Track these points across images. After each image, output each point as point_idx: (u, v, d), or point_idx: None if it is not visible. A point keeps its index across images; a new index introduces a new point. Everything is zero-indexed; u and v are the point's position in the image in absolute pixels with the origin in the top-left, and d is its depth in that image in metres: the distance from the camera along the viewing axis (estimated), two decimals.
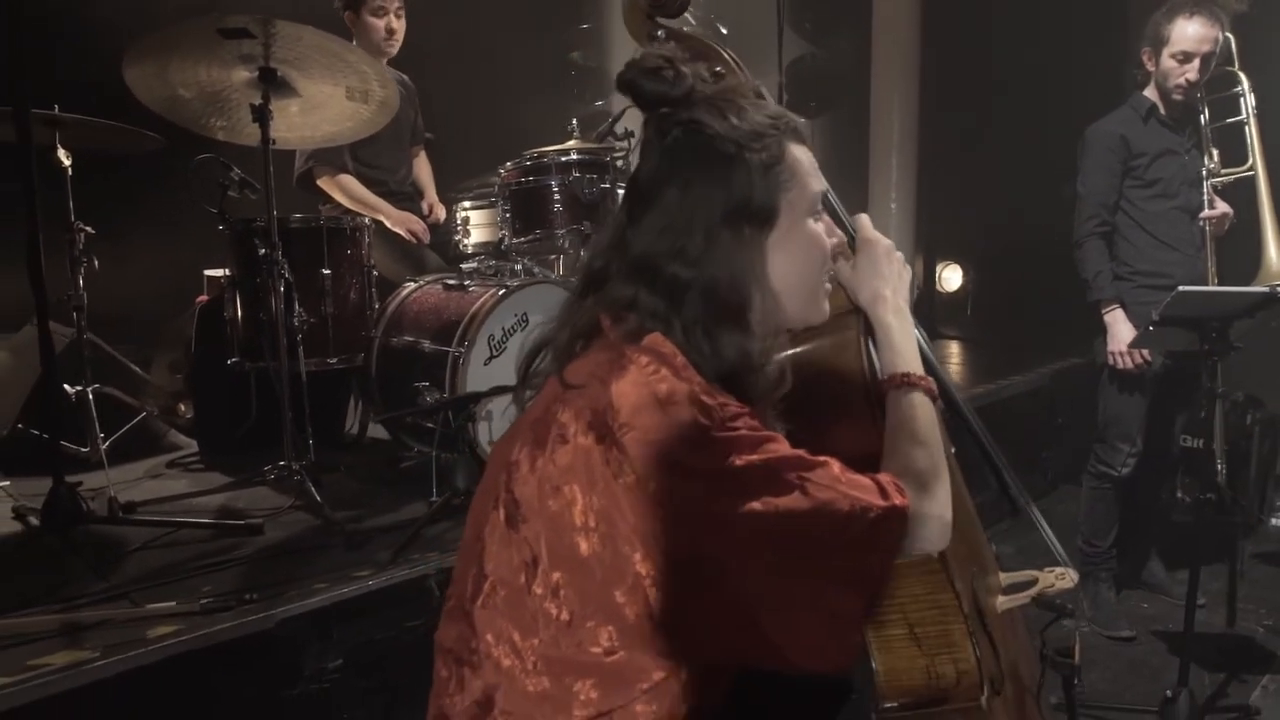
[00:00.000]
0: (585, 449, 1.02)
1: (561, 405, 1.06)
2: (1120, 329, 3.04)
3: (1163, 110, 3.03)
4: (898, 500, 1.06)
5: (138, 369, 3.17)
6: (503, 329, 2.64)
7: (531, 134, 3.49)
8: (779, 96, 4.60)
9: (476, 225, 3.21)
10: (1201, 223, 3.04)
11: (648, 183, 1.12)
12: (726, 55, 1.47)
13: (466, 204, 3.22)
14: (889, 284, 1.26)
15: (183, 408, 3.20)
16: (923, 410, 1.18)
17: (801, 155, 1.15)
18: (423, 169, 3.61)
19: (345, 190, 3.19)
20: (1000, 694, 1.33)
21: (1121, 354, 3.04)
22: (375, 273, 2.84)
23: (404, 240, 3.25)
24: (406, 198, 3.43)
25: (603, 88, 5.31)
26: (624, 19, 1.56)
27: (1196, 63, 2.90)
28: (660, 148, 1.12)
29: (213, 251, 3.09)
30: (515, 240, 3.00)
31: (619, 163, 3.05)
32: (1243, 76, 3.02)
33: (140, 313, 3.46)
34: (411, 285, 2.89)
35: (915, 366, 1.21)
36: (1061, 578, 1.47)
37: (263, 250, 2.46)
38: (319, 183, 3.20)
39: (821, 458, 1.05)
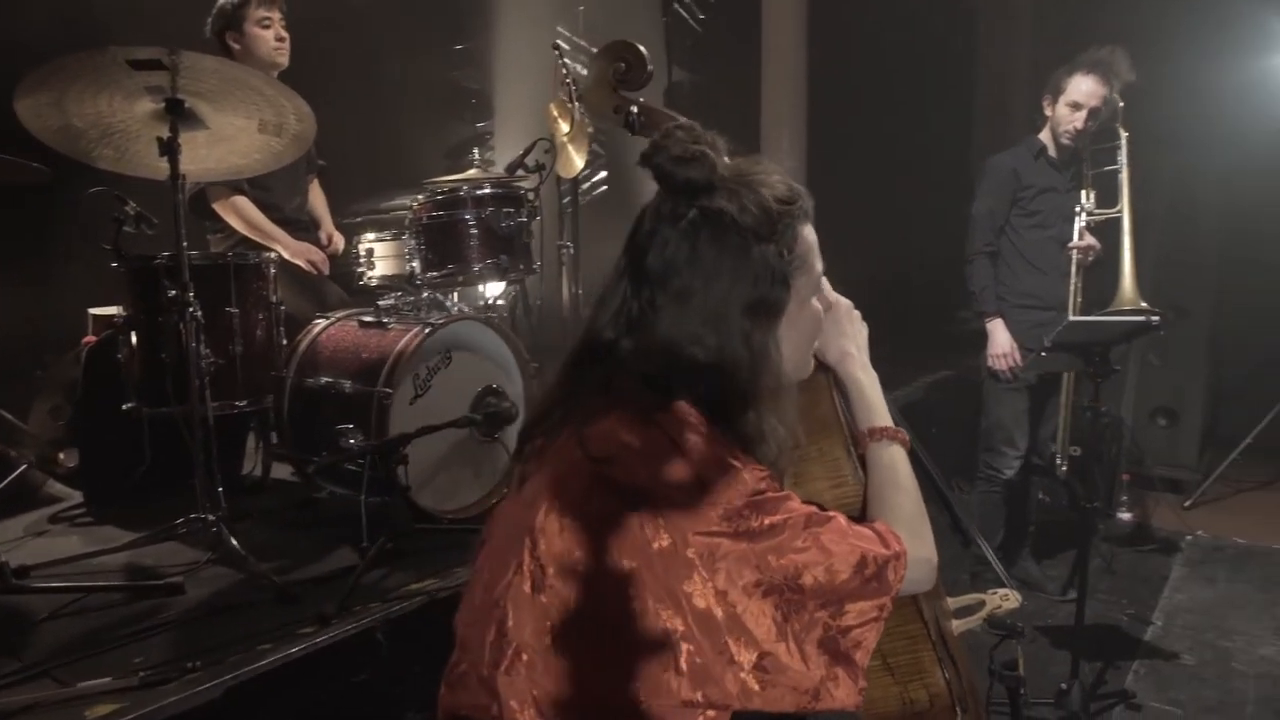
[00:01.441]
0: (618, 516, 1.05)
1: (591, 474, 1.08)
2: (1000, 336, 3.39)
3: (1052, 152, 3.39)
4: (897, 547, 1.15)
5: (10, 416, 2.92)
6: (427, 368, 2.60)
7: (414, 157, 3.44)
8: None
9: (382, 257, 3.13)
10: (1070, 252, 3.38)
11: (665, 265, 1.13)
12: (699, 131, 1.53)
13: (370, 236, 3.13)
14: (854, 342, 1.36)
15: (62, 456, 2.97)
16: (901, 461, 1.28)
17: (809, 236, 1.21)
18: (317, 198, 3.49)
19: (241, 214, 3.05)
20: (968, 712, 1.43)
21: (1000, 357, 3.39)
22: (283, 309, 2.73)
23: (303, 272, 3.13)
24: (302, 227, 3.30)
25: (485, 109, 5.27)
26: (587, 93, 1.60)
27: (1084, 113, 3.26)
28: (679, 231, 1.13)
29: (96, 289, 2.87)
30: (428, 274, 2.95)
31: (531, 196, 3.05)
32: (1123, 133, 3.39)
33: (14, 356, 3.17)
34: (323, 322, 2.79)
35: (888, 420, 1.32)
36: (1006, 599, 1.58)
37: (172, 291, 2.33)
38: (214, 205, 3.04)
39: (829, 513, 1.13)
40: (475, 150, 3.24)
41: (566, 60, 3.29)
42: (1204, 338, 4.85)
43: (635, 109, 1.51)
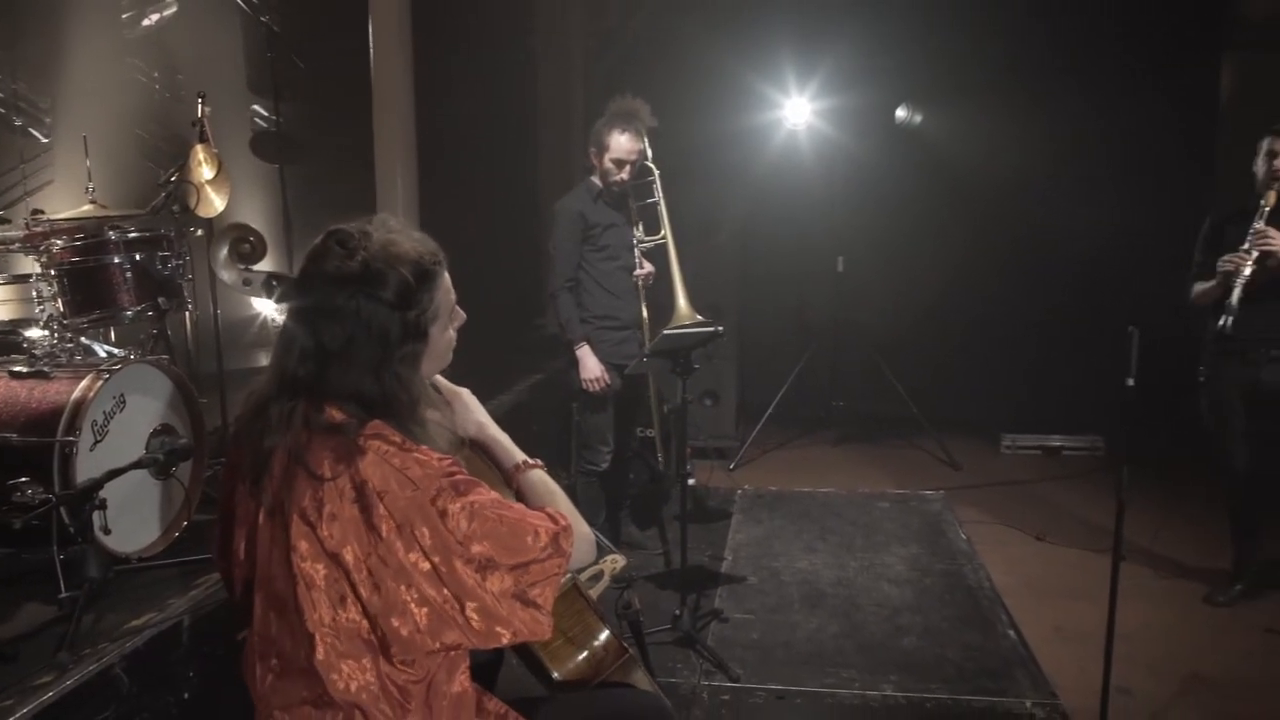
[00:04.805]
0: (354, 519, 1.38)
1: (322, 492, 1.39)
2: (589, 362, 3.92)
3: (606, 194, 3.96)
4: (564, 522, 1.51)
5: None
6: (104, 413, 2.63)
7: None
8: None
9: (3, 302, 2.99)
10: (635, 278, 4.05)
11: (336, 326, 1.42)
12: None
13: None
14: (479, 414, 1.78)
15: None
16: (544, 479, 1.72)
17: (445, 282, 1.54)
18: None
19: None
20: (626, 651, 1.96)
21: (592, 381, 3.93)
22: None
23: None
24: None
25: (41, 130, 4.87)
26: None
27: (628, 167, 3.86)
28: (344, 303, 1.42)
29: None
30: (74, 319, 2.91)
31: (174, 236, 3.11)
32: (655, 169, 4.04)
33: None
34: None
35: (521, 456, 1.75)
36: (616, 561, 2.07)
37: None
38: None
39: (511, 501, 1.54)
40: (89, 186, 3.16)
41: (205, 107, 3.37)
42: (733, 332, 6.07)
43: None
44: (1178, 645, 3.48)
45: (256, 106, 5.89)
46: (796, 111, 6.36)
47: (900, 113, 6.63)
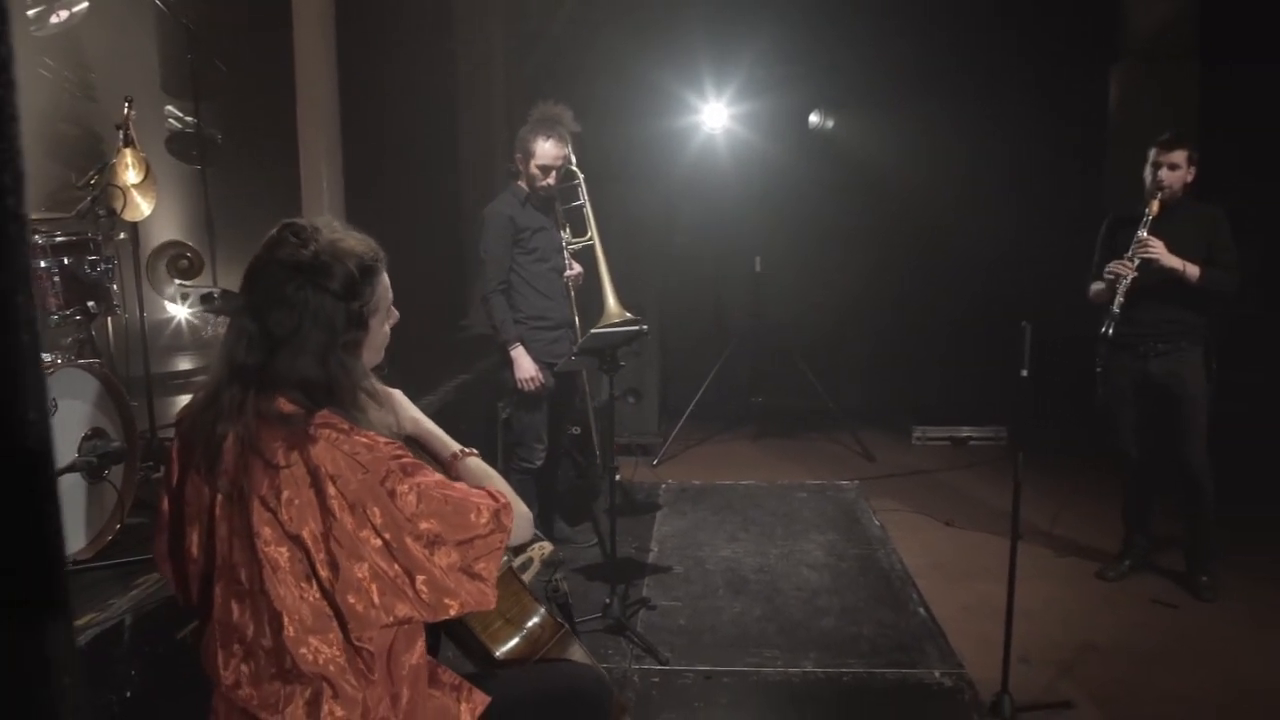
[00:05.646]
0: (311, 502, 1.47)
1: (279, 479, 1.46)
2: (524, 362, 3.97)
3: (533, 198, 4.02)
4: (504, 500, 1.62)
5: None
6: None
7: None
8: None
9: None
10: (565, 279, 4.15)
11: (284, 316, 1.51)
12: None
13: None
14: (412, 410, 1.89)
15: None
16: (477, 464, 1.83)
17: (385, 279, 1.64)
18: None
19: None
20: (563, 627, 2.10)
21: (527, 381, 3.98)
22: None
23: None
24: None
25: None
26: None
27: (554, 172, 3.94)
28: (292, 293, 1.51)
29: None
30: None
31: (100, 240, 3.10)
32: (579, 173, 4.16)
33: None
34: None
35: (457, 446, 1.86)
36: (543, 547, 2.12)
37: None
38: None
39: (454, 481, 1.65)
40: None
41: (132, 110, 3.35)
42: (655, 332, 6.21)
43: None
44: (1073, 618, 3.75)
45: (170, 108, 5.80)
46: (714, 116, 6.55)
47: (813, 118, 6.88)
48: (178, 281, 3.28)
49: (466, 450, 1.82)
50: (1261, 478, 4.80)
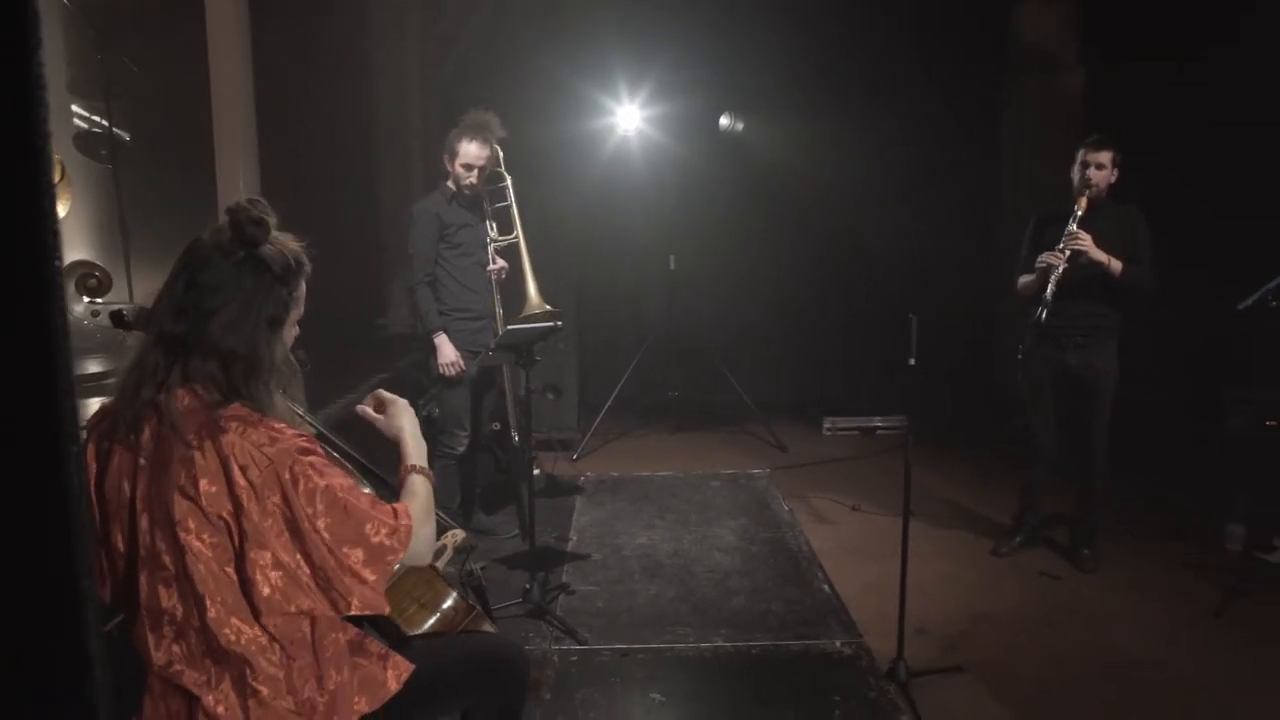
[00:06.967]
0: (222, 490, 1.54)
1: (195, 469, 1.53)
2: (446, 349, 4.19)
3: (460, 197, 4.23)
4: (406, 522, 1.69)
5: None
6: None
7: None
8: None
9: None
10: (489, 273, 4.35)
11: (217, 284, 1.60)
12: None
13: None
14: (400, 419, 1.96)
15: None
16: (421, 483, 1.91)
17: (303, 285, 1.74)
18: None
19: None
20: (474, 609, 2.24)
21: (449, 365, 4.19)
22: None
23: None
24: None
25: None
26: None
27: (476, 171, 4.15)
28: (231, 264, 1.61)
29: None
30: None
31: None
32: (507, 175, 4.38)
33: None
34: None
35: (419, 462, 1.95)
36: (456, 535, 2.25)
37: None
38: None
39: (365, 490, 1.75)
40: None
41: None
42: (573, 329, 6.33)
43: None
44: (967, 591, 4.01)
45: (75, 108, 5.70)
46: (627, 118, 6.70)
47: (723, 120, 7.09)
48: (86, 300, 3.28)
49: (421, 468, 1.91)
50: (1153, 458, 5.13)
